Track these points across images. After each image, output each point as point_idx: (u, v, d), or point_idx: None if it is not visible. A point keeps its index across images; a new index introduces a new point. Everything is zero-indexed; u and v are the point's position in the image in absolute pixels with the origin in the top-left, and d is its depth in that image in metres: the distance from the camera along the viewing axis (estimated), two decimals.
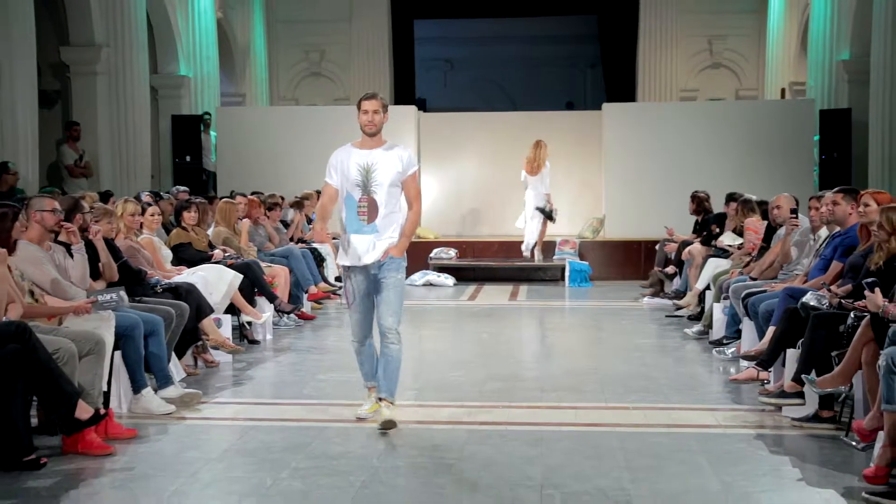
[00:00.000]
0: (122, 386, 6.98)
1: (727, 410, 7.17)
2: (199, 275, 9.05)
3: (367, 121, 6.58)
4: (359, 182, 6.57)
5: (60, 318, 6.76)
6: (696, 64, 23.34)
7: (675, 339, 10.28)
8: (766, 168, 15.60)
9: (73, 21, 15.58)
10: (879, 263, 6.51)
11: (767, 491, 5.28)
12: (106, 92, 15.80)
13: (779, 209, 9.84)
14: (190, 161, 17.49)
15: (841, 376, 6.11)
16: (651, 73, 23.18)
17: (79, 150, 15.14)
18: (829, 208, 8.21)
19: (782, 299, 7.74)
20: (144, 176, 15.99)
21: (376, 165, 6.58)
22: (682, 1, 22.96)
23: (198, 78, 19.08)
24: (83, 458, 5.88)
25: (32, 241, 7.08)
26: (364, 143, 6.69)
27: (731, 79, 23.33)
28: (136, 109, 16.22)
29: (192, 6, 19.04)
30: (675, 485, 5.38)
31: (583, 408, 7.29)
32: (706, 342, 9.77)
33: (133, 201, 9.28)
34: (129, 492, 5.37)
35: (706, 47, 23.28)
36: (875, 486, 5.14)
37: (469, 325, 11.82)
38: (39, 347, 5.82)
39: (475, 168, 17.99)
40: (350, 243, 6.59)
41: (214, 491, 5.37)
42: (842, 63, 17.53)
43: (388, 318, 6.62)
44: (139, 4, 16.14)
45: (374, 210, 6.56)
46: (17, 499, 5.22)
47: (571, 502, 5.08)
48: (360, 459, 5.79)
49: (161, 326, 7.26)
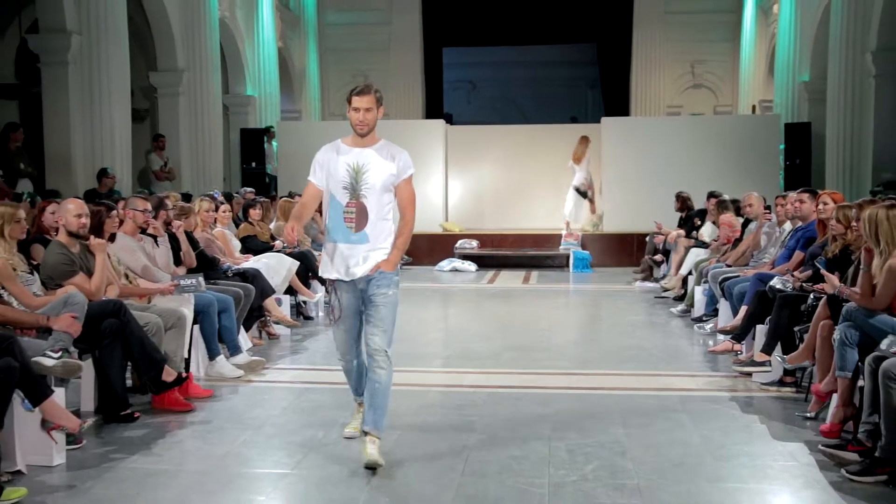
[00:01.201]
0: (199, 354, 7.03)
1: (706, 376, 7.15)
2: (262, 262, 9.09)
3: (359, 120, 4.98)
4: (347, 184, 4.98)
5: (150, 297, 6.82)
6: (680, 84, 23.25)
7: (662, 316, 10.25)
8: (739, 172, 15.51)
9: (160, 51, 15.65)
10: (835, 252, 6.54)
11: (739, 444, 5.27)
12: (186, 109, 15.87)
13: (750, 206, 9.84)
14: (255, 167, 17.56)
15: (806, 351, 6.09)
16: (642, 92, 23.11)
17: (164, 158, 15.25)
18: (794, 206, 8.20)
19: (753, 283, 7.74)
20: (217, 179, 16.06)
21: (368, 166, 4.99)
22: (668, 31, 22.86)
23: (262, 97, 19.13)
24: (168, 413, 5.94)
25: (127, 234, 7.17)
26: (355, 142, 5.07)
27: (710, 97, 23.21)
28: (210, 124, 16.28)
29: (257, 37, 19.12)
30: (662, 438, 5.38)
31: (584, 374, 7.29)
32: (688, 319, 9.74)
33: (208, 200, 9.33)
34: (206, 441, 5.41)
35: (689, 70, 23.18)
36: (829, 440, 5.15)
37: (488, 304, 11.82)
38: (133, 321, 5.88)
39: (494, 172, 17.97)
40: (336, 253, 5.05)
41: (276, 442, 5.40)
42: (803, 84, 17.55)
43: (377, 337, 4.98)
44: (213, 36, 16.20)
45: (363, 217, 4.98)
46: (117, 445, 5.28)
47: (575, 453, 5.08)
48: (396, 417, 5.78)
49: (232, 305, 7.30)
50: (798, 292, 6.76)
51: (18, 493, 4.36)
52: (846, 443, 4.99)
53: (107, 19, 12.52)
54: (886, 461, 4.57)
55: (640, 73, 23.16)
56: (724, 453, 5.10)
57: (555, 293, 12.87)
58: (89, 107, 12.49)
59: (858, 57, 14.42)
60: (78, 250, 6.19)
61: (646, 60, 23.09)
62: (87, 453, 5.12)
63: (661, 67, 23.06)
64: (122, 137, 12.91)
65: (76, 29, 12.34)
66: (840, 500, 4.35)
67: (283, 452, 5.17)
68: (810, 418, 5.72)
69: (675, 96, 23.14)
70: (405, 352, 8.18)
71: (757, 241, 9.34)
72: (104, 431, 5.56)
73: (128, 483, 4.64)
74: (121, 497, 4.43)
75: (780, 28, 18.68)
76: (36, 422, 4.83)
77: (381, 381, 4.95)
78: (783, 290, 6.95)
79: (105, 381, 5.79)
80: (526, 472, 4.73)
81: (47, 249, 6.27)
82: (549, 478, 4.65)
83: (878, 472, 4.57)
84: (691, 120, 19.56)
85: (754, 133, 16.73)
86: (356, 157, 4.99)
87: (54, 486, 4.59)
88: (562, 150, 17.15)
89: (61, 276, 6.02)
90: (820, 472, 4.74)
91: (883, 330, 5.11)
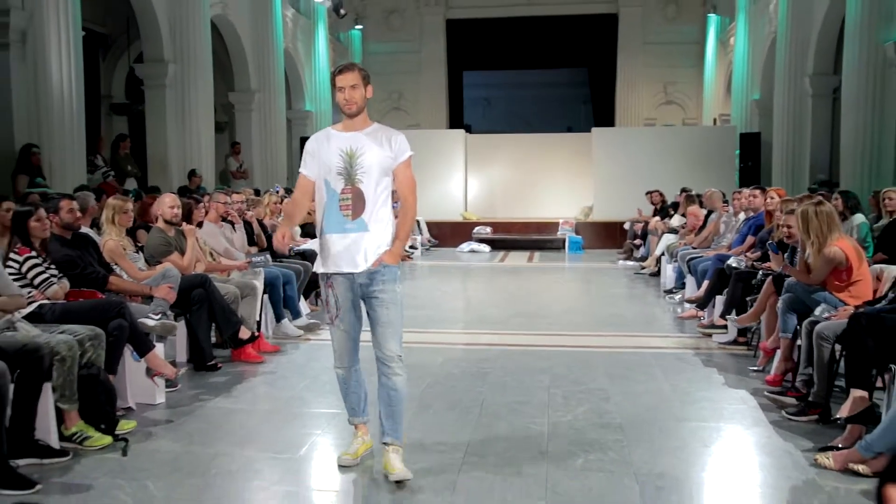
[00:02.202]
0: (268, 317, 7.09)
1: (675, 337, 7.14)
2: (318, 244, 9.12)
3: (345, 99, 3.76)
4: (341, 169, 3.74)
5: (229, 272, 6.89)
6: (655, 101, 23.05)
7: (640, 288, 10.23)
8: (702, 172, 15.41)
9: (237, 75, 15.74)
10: (780, 237, 6.51)
11: (701, 391, 5.27)
12: (258, 122, 15.94)
13: (711, 200, 9.82)
14: None
15: (753, 316, 6.09)
16: (624, 107, 22.93)
17: (239, 161, 15.33)
18: (747, 200, 8.19)
19: (713, 262, 7.72)
20: (282, 178, 16.11)
21: (362, 150, 3.75)
22: (645, 58, 22.65)
23: (317, 112, 19.13)
24: (244, 364, 6.00)
25: (211, 221, 7.22)
26: (347, 126, 3.85)
27: (679, 111, 23.01)
28: (276, 134, 16.34)
29: (314, 63, 19.15)
30: (639, 387, 5.39)
31: (576, 335, 7.30)
32: (661, 291, 9.72)
33: (274, 194, 9.39)
34: (274, 386, 5.47)
35: (662, 90, 22.97)
36: (773, 388, 5.16)
37: (500, 279, 11.83)
38: (216, 291, 5.94)
39: (505, 171, 17.91)
40: (331, 246, 3.80)
41: (329, 388, 5.42)
42: (754, 101, 17.46)
43: (391, 342, 3.79)
44: (279, 63, 16.23)
45: (360, 202, 3.74)
46: (204, 389, 5.34)
47: (569, 397, 5.10)
48: (425, 368, 5.83)
49: (294, 278, 7.35)
50: (749, 269, 6.76)
51: (130, 424, 4.45)
52: (786, 390, 5.01)
53: (195, 51, 12.62)
54: (817, 404, 4.59)
55: (623, 92, 22.99)
56: (688, 399, 5.11)
57: (553, 270, 12.86)
58: (181, 121, 12.60)
59: (799, 80, 14.38)
60: (173, 234, 6.26)
61: (628, 81, 22.92)
62: (181, 394, 5.19)
63: (639, 87, 22.88)
64: (206, 145, 13.01)
65: (172, 59, 12.46)
66: (781, 435, 4.35)
67: (334, 396, 5.17)
68: (757, 370, 5.71)
69: (651, 111, 22.95)
70: (433, 316, 8.25)
71: (717, 228, 9.31)
72: (194, 378, 5.64)
73: (213, 418, 4.71)
74: (208, 429, 4.50)
75: (735, 56, 18.61)
76: (142, 370, 4.92)
77: (399, 389, 3.82)
78: (738, 267, 6.94)
79: (194, 338, 5.87)
80: (529, 414, 4.76)
81: (149, 234, 6.35)
82: (548, 418, 4.67)
83: (810, 413, 4.58)
84: (664, 130, 19.41)
85: (715, 141, 16.65)
86: (349, 142, 3.77)
87: (157, 420, 4.67)
88: (559, 154, 17.59)
89: (160, 255, 6.10)
90: (764, 414, 4.74)
91: (816, 300, 5.11)
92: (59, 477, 3.76)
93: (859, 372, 4.20)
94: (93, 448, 4.09)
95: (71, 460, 3.94)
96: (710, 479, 3.80)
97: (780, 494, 3.57)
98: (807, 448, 4.13)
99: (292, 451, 4.14)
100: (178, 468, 3.87)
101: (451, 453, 4.08)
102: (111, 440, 4.16)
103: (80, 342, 4.26)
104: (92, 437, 4.12)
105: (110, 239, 5.78)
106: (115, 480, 3.71)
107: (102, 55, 15.85)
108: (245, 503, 3.52)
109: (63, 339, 4.08)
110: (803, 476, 3.77)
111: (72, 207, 5.24)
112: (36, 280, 4.74)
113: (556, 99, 29.41)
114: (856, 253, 5.13)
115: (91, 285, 5.15)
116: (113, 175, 11.36)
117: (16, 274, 4.68)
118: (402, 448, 3.82)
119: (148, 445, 4.22)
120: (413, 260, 13.51)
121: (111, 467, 3.88)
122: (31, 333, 4.17)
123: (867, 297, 5.04)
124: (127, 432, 4.30)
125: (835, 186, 11.79)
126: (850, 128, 11.37)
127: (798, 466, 3.89)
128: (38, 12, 9.04)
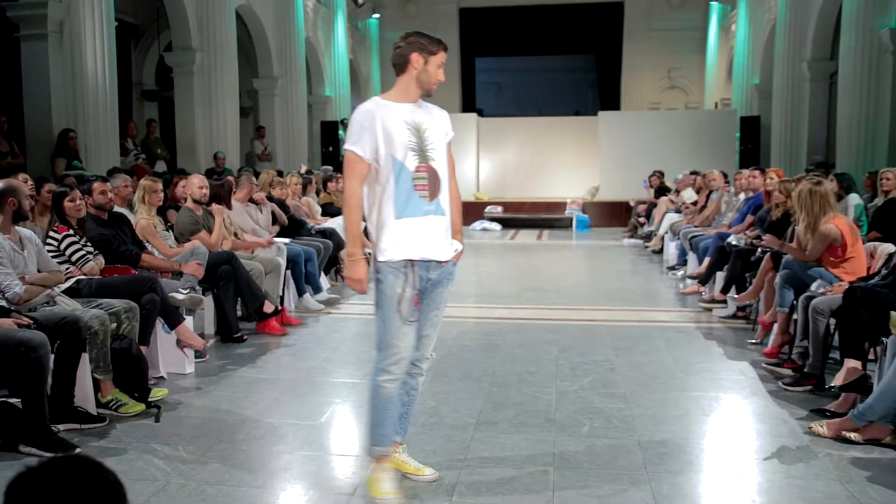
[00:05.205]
0: (291, 292, 7.12)
1: (677, 311, 7.13)
2: (338, 222, 9.07)
3: (438, 79, 3.22)
4: (413, 145, 3.04)
5: (254, 249, 6.90)
6: (659, 86, 22.86)
7: (644, 264, 10.20)
8: (704, 153, 15.30)
9: (261, 62, 15.69)
10: (778, 216, 6.47)
11: (702, 362, 5.26)
12: (280, 107, 15.91)
13: (714, 181, 9.75)
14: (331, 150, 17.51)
15: (752, 293, 6.07)
16: (630, 92, 22.76)
17: (264, 144, 15.33)
18: (747, 180, 8.12)
19: (714, 240, 7.67)
20: (303, 160, 16.10)
21: (425, 123, 3.12)
22: (650, 44, 22.44)
23: (337, 97, 19.05)
24: (268, 336, 6.02)
25: (239, 201, 7.22)
26: (399, 97, 3.17)
27: (682, 95, 22.81)
28: (298, 118, 16.29)
29: (334, 51, 19.05)
30: (643, 358, 5.38)
31: (583, 309, 7.30)
32: (664, 267, 9.68)
33: (296, 176, 9.38)
34: (297, 357, 5.49)
35: (666, 75, 22.77)
36: (770, 360, 5.13)
37: (510, 255, 11.82)
38: (241, 267, 5.96)
39: (515, 154, 17.85)
40: (412, 230, 3.02)
41: (349, 359, 5.48)
42: (754, 86, 17.23)
43: (432, 344, 3.28)
44: (300, 51, 16.15)
45: (435, 182, 3.07)
46: (231, 359, 5.37)
47: (576, 368, 5.10)
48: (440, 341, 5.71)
49: (315, 255, 7.36)
50: (749, 247, 6.71)
51: (162, 392, 4.48)
52: (783, 362, 4.98)
53: (221, 40, 12.60)
54: (812, 375, 4.57)
55: (629, 77, 22.81)
56: (690, 369, 5.09)
57: (561, 248, 12.83)
58: (208, 106, 12.61)
59: (797, 65, 14.18)
60: (201, 213, 6.28)
61: (633, 67, 22.74)
62: (209, 364, 5.23)
63: (644, 72, 22.69)
64: (232, 129, 13.01)
65: (199, 47, 12.44)
66: (777, 404, 4.33)
67: (353, 367, 5.24)
68: (756, 343, 5.69)
69: (655, 95, 22.76)
70: None
71: (718, 207, 9.24)
72: (221, 349, 5.67)
73: (239, 387, 4.74)
74: (235, 397, 4.53)
75: (736, 42, 18.37)
76: (172, 341, 4.95)
77: (419, 388, 3.35)
78: (737, 245, 6.90)
79: (221, 312, 5.89)
80: (538, 383, 4.76)
81: (179, 213, 6.37)
82: (556, 387, 4.68)
83: (805, 384, 4.56)
84: (668, 113, 19.27)
85: (716, 124, 16.55)
86: (412, 115, 3.12)
87: (187, 388, 4.71)
88: (567, 137, 17.48)
89: (189, 233, 6.12)
90: (762, 384, 4.72)
91: (812, 276, 5.08)
92: (96, 441, 3.81)
93: (853, 343, 4.18)
94: (127, 414, 4.13)
95: (107, 426, 3.99)
96: (709, 445, 3.80)
97: (776, 460, 3.56)
98: (801, 416, 4.11)
99: (314, 419, 4.16)
100: (207, 433, 3.91)
101: (464, 419, 4.09)
102: (144, 407, 4.19)
103: (115, 315, 4.29)
104: (127, 405, 4.16)
105: (142, 218, 5.80)
106: (149, 444, 3.75)
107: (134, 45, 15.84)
108: (270, 466, 3.54)
109: (95, 314, 4.10)
110: (798, 443, 3.76)
111: (104, 189, 5.25)
112: (74, 257, 4.77)
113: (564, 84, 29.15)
114: (850, 230, 5.09)
115: (125, 262, 5.17)
116: (144, 158, 11.40)
117: (55, 251, 4.70)
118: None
119: (178, 412, 4.26)
120: None
121: (145, 432, 3.92)
122: (69, 307, 4.20)
123: (861, 274, 5.00)
124: (159, 400, 4.34)
125: (831, 168, 11.69)
126: (846, 112, 11.27)
127: (793, 434, 3.88)
128: (74, 4, 9.09)
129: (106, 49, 9.34)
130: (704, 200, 9.99)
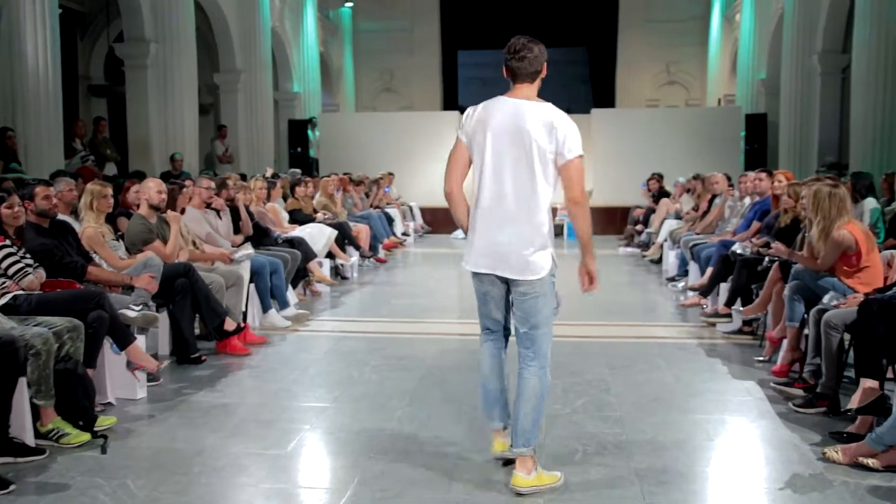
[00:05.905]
0: (255, 307, 7.04)
1: (677, 326, 7.15)
2: (306, 231, 9.10)
3: None
4: None
5: (213, 261, 6.84)
6: (657, 81, 23.03)
7: (641, 275, 10.24)
8: (706, 155, 15.40)
9: (222, 55, 15.67)
10: (787, 222, 6.51)
11: (706, 382, 5.27)
12: (244, 104, 15.87)
13: (717, 184, 9.78)
14: (300, 151, 17.51)
15: (760, 305, 6.08)
16: (625, 88, 22.92)
17: (225, 144, 15.29)
18: (753, 183, 8.17)
19: (717, 248, 7.70)
20: (269, 162, 16.06)
21: None
22: (647, 36, 22.63)
23: (306, 93, 19.04)
24: (230, 357, 5.96)
25: (195, 207, 7.17)
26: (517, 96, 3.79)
27: (682, 92, 23.00)
28: (263, 116, 16.26)
29: (302, 43, 19.05)
30: (641, 378, 5.38)
31: (576, 324, 7.27)
32: (663, 278, 9.72)
33: (261, 179, 9.34)
34: (261, 379, 5.45)
35: (665, 69, 22.95)
36: (779, 379, 5.15)
37: None
38: (200, 281, 5.90)
39: None
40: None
41: (319, 380, 5.43)
42: (760, 81, 17.40)
43: None
44: (266, 42, 16.13)
45: None
46: (188, 382, 5.31)
47: (568, 390, 5.09)
48: (419, 360, 5.83)
49: (281, 266, 7.31)
50: (755, 256, 6.72)
51: (110, 420, 4.41)
52: (793, 381, 5.00)
53: (178, 30, 12.57)
54: (825, 396, 4.58)
55: (624, 72, 22.97)
56: (692, 390, 5.10)
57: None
58: (164, 103, 12.56)
59: (807, 58, 14.31)
60: (155, 221, 6.22)
61: (629, 61, 22.90)
62: (163, 389, 5.17)
63: (641, 67, 22.85)
64: (190, 128, 12.95)
65: (153, 38, 12.40)
66: (788, 427, 4.34)
67: (323, 389, 5.20)
68: (763, 361, 5.71)
69: (653, 91, 22.92)
70: (428, 305, 8.23)
71: (721, 212, 9.29)
72: (177, 371, 5.61)
73: (197, 413, 4.68)
74: (192, 424, 4.47)
75: (741, 33, 18.51)
76: (122, 363, 4.88)
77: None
78: (743, 254, 6.91)
79: (177, 330, 5.83)
80: None
81: (130, 221, 6.30)
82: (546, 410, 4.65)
83: (818, 405, 4.57)
84: (667, 111, 19.40)
85: (719, 122, 16.65)
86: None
87: (138, 416, 4.64)
88: None
89: (142, 243, 6.05)
90: (771, 405, 4.73)
91: (825, 287, 5.09)
92: (34, 476, 3.73)
93: (870, 361, 4.19)
94: (70, 445, 4.06)
95: (47, 458, 3.91)
96: (714, 473, 3.79)
97: (788, 489, 3.56)
98: (814, 441, 4.12)
99: (280, 448, 4.11)
100: (160, 465, 3.85)
101: (446, 448, 4.06)
102: (89, 437, 4.12)
103: (57, 335, 4.21)
104: (69, 434, 4.09)
105: (89, 226, 5.73)
106: (94, 479, 3.68)
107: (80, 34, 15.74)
108: (230, 501, 3.49)
109: (38, 332, 4.04)
110: (811, 470, 3.76)
111: (47, 194, 5.18)
112: (10, 270, 4.69)
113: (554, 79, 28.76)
114: (865, 238, 5.12)
115: (69, 275, 5.10)
116: (92, 159, 11.30)
117: None
118: None
119: (128, 442, 4.19)
120: (406, 247, 13.48)
121: (89, 465, 3.85)
122: (5, 326, 4.12)
123: (877, 284, 5.02)
124: (106, 429, 4.27)
125: (844, 169, 11.78)
126: (861, 109, 11.33)
127: (805, 460, 3.88)
128: None
129: (49, 39, 9.22)
130: (706, 205, 10.03)
